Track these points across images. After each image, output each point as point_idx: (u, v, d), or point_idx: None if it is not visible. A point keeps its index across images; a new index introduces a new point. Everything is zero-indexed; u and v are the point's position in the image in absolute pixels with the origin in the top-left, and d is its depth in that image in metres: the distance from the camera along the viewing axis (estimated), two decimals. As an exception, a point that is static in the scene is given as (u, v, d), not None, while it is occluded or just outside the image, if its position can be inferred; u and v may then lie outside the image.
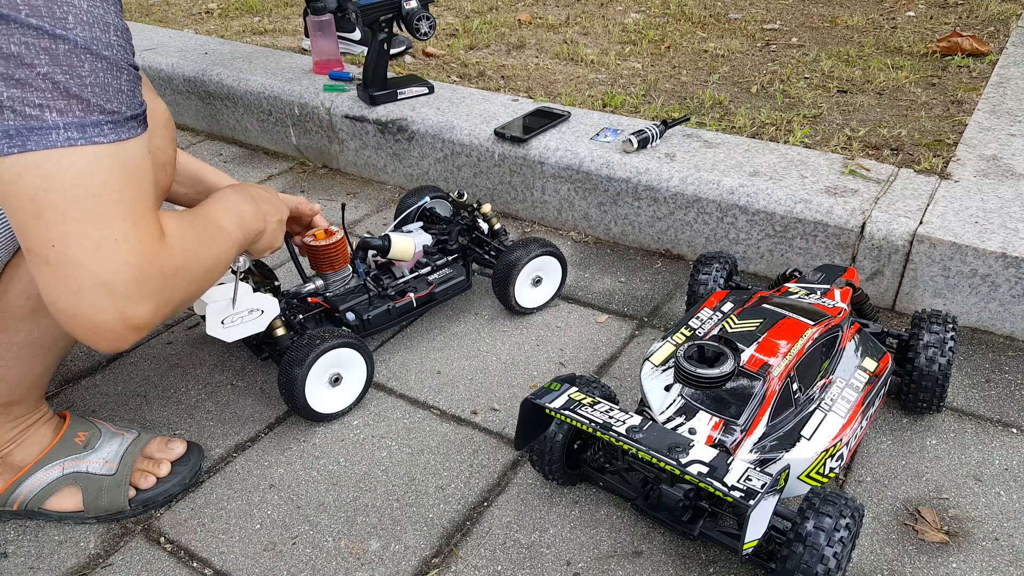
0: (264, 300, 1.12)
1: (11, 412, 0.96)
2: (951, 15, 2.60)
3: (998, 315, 1.29)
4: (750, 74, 2.13)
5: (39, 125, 0.64)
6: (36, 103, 0.63)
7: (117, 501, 1.00)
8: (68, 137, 0.65)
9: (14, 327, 0.87)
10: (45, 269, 0.68)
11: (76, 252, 0.68)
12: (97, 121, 0.67)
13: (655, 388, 0.98)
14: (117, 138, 0.68)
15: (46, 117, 0.64)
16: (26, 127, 0.63)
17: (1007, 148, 1.54)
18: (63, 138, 0.65)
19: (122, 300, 0.71)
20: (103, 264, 0.69)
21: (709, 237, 1.53)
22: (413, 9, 1.72)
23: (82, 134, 0.66)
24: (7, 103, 0.63)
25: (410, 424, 1.17)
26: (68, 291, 0.69)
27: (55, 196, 0.66)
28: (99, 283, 0.69)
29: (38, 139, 0.64)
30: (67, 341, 0.94)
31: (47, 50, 0.63)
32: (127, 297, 0.71)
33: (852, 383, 1.01)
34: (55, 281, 0.69)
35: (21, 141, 0.64)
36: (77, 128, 0.66)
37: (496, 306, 1.44)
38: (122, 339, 0.73)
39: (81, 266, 0.68)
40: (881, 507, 1.00)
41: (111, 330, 0.71)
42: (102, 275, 0.69)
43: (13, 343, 0.89)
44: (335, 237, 1.25)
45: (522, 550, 0.96)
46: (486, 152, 1.73)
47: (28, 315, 0.87)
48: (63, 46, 0.63)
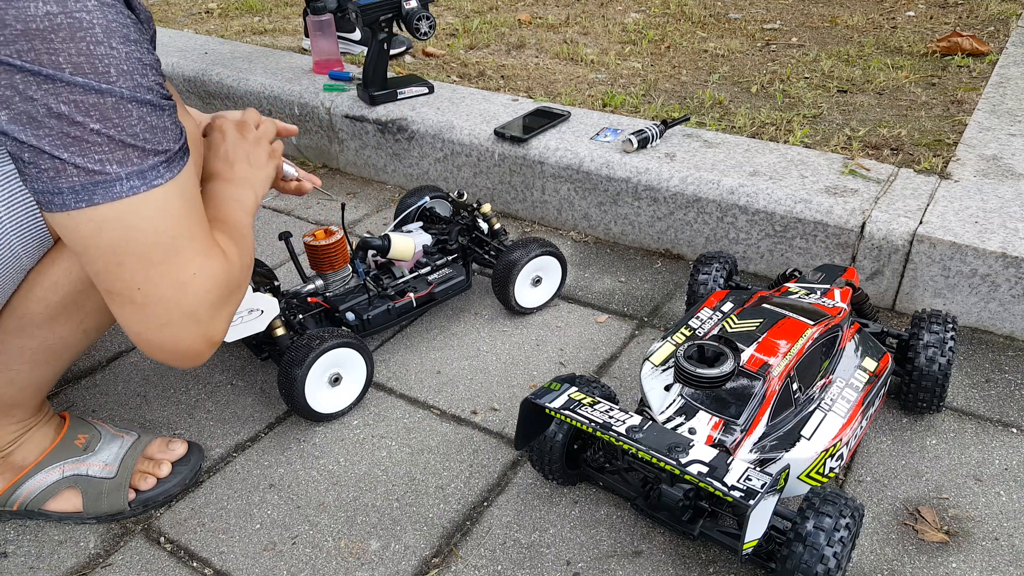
0: (264, 300, 1.12)
1: (15, 414, 0.96)
2: (951, 15, 2.60)
3: (998, 315, 1.29)
4: (750, 74, 2.13)
5: (103, 180, 0.67)
6: (96, 158, 0.66)
7: (117, 503, 1.00)
8: (132, 186, 0.69)
9: (30, 333, 0.88)
10: (130, 307, 0.73)
11: (162, 291, 0.73)
12: (154, 164, 0.70)
13: (655, 388, 0.98)
14: (172, 176, 0.72)
15: (108, 170, 0.67)
16: (91, 182, 0.67)
17: (1007, 148, 1.54)
18: (127, 188, 0.68)
19: (205, 325, 0.77)
20: (188, 297, 0.74)
21: (709, 237, 1.53)
22: (413, 9, 1.72)
23: (143, 181, 0.69)
24: (68, 160, 0.66)
25: (410, 424, 1.17)
26: (156, 325, 0.74)
27: (136, 245, 0.70)
28: (186, 314, 0.75)
29: (104, 192, 0.67)
30: (79, 349, 0.94)
31: (96, 105, 0.65)
32: (209, 320, 0.77)
33: (852, 383, 1.01)
34: (142, 318, 0.74)
35: (88, 196, 0.67)
36: (138, 176, 0.69)
37: (496, 306, 1.44)
38: (205, 354, 0.80)
39: (168, 302, 0.73)
40: (881, 507, 1.00)
41: (198, 352, 0.78)
42: (188, 307, 0.75)
43: (28, 348, 0.89)
44: (335, 237, 1.25)
45: (522, 550, 0.96)
46: (486, 152, 1.73)
47: (45, 322, 0.87)
48: (110, 100, 0.66)
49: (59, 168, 0.66)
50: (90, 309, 0.90)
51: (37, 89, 0.63)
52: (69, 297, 0.87)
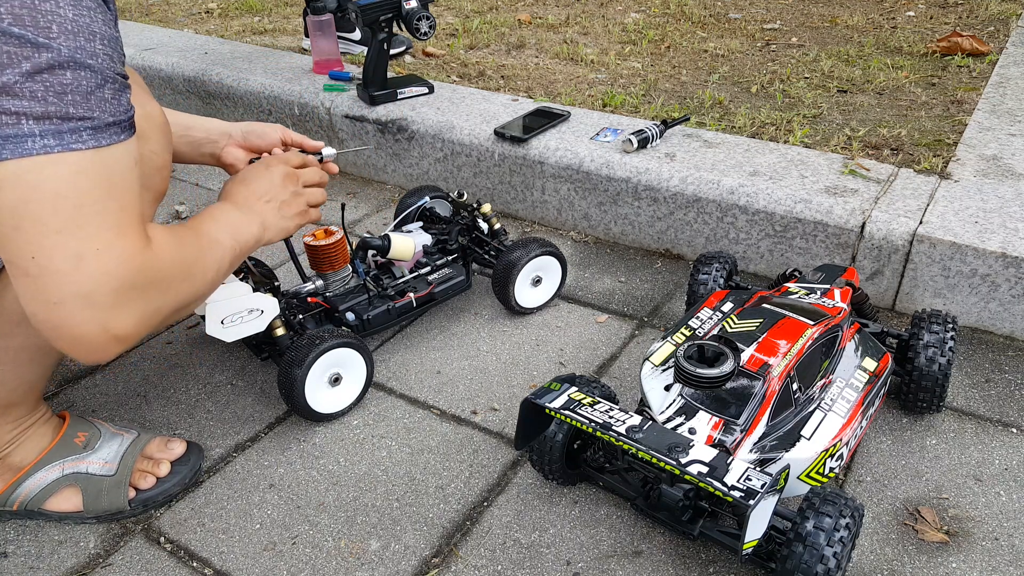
0: (264, 300, 1.12)
1: (10, 414, 0.96)
2: (951, 15, 2.60)
3: (998, 315, 1.29)
4: (750, 74, 2.13)
5: (14, 133, 0.63)
6: (12, 111, 0.63)
7: (117, 502, 1.00)
8: (44, 145, 0.64)
9: (10, 331, 0.87)
10: (24, 280, 0.67)
11: (57, 263, 0.66)
12: (75, 128, 0.66)
13: (655, 388, 0.98)
14: (97, 144, 0.67)
15: (22, 125, 0.63)
16: (1, 135, 0.63)
17: (1007, 148, 1.54)
18: (39, 146, 0.64)
19: (104, 311, 0.69)
20: (84, 275, 0.67)
21: (709, 237, 1.53)
22: (413, 9, 1.72)
23: (59, 141, 0.65)
24: None
25: (410, 424, 1.17)
26: (48, 302, 0.67)
27: (35, 207, 0.65)
28: (80, 294, 0.68)
29: (13, 147, 0.63)
30: None
31: (28, 58, 0.62)
32: (109, 308, 0.69)
33: (852, 383, 1.01)
34: (35, 292, 0.67)
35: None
36: (54, 135, 0.65)
37: (496, 306, 1.44)
38: (104, 350, 0.72)
39: (62, 277, 0.67)
40: (881, 507, 1.00)
41: (93, 342, 0.70)
42: (83, 286, 0.68)
43: (10, 347, 0.89)
44: (335, 237, 1.25)
45: (522, 550, 0.96)
46: (486, 152, 1.73)
47: (24, 320, 0.87)
48: (45, 55, 0.63)
49: None
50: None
51: None
52: None
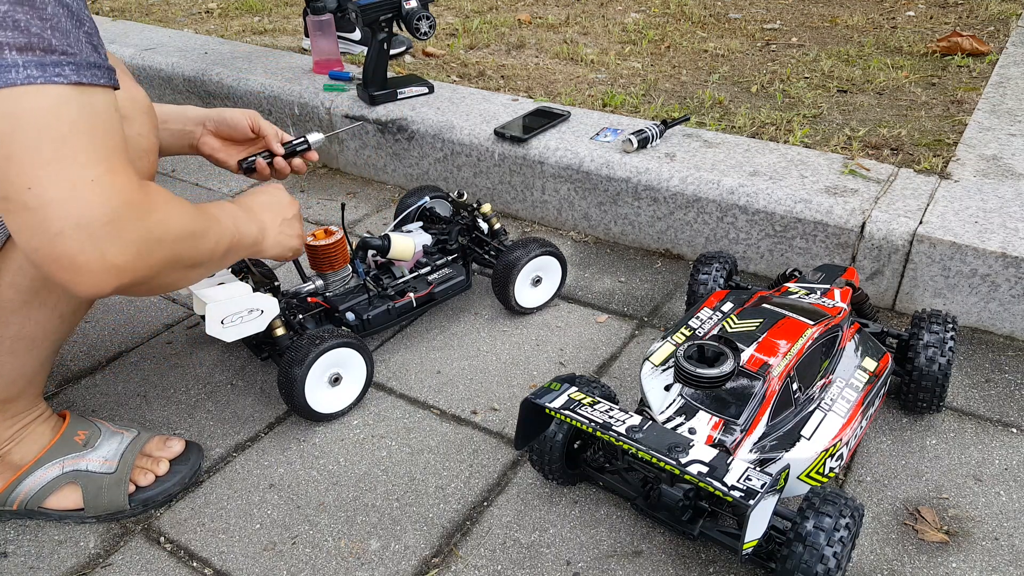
0: (263, 300, 1.12)
1: (9, 410, 0.96)
2: (951, 15, 2.60)
3: (998, 315, 1.29)
4: (750, 74, 2.13)
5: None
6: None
7: (117, 499, 1.00)
8: (28, 75, 0.64)
9: (6, 320, 0.87)
10: (24, 214, 0.67)
11: (54, 192, 0.66)
12: (58, 61, 0.66)
13: (655, 388, 0.98)
14: (79, 80, 0.67)
15: (5, 55, 0.63)
16: None
17: (1007, 148, 1.54)
18: (23, 76, 0.64)
19: (102, 240, 0.69)
20: (81, 203, 0.68)
21: (709, 237, 1.53)
22: (413, 9, 1.72)
23: (42, 72, 0.65)
24: None
25: (410, 424, 1.17)
26: (49, 233, 0.67)
27: (24, 136, 0.65)
28: (79, 222, 0.68)
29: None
30: (58, 335, 0.94)
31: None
32: (107, 237, 0.70)
33: (852, 383, 1.01)
34: (35, 224, 0.67)
35: None
36: (37, 66, 0.65)
37: (496, 306, 1.44)
38: (103, 282, 0.72)
39: (60, 205, 0.67)
40: (881, 507, 1.00)
41: (92, 271, 0.70)
42: (81, 214, 0.68)
43: (5, 337, 0.89)
44: (335, 237, 1.25)
45: (522, 550, 0.96)
46: (486, 152, 1.73)
47: (19, 308, 0.87)
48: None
49: None
50: (62, 291, 0.89)
51: None
52: (38, 280, 0.86)
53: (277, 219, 1.03)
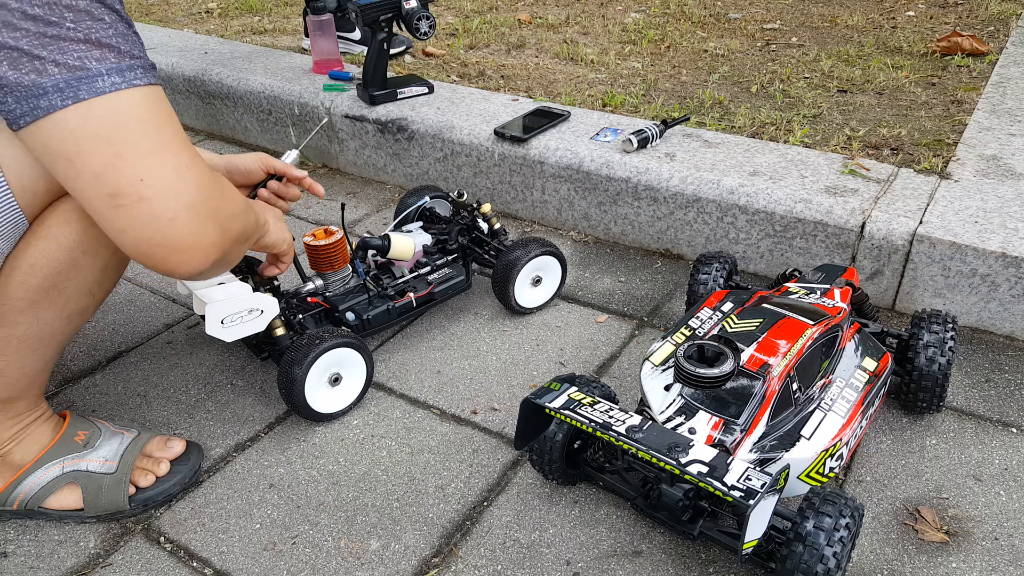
0: (263, 300, 1.12)
1: (10, 409, 0.96)
2: (951, 15, 2.60)
3: (998, 315, 1.29)
4: (750, 74, 2.13)
5: (85, 75, 0.67)
6: (76, 55, 0.67)
7: (117, 499, 1.00)
8: (113, 82, 0.69)
9: (13, 320, 0.87)
10: (139, 206, 0.71)
11: (166, 179, 0.72)
12: (132, 66, 0.71)
13: (655, 388, 0.98)
14: (150, 82, 0.72)
15: (89, 66, 0.67)
16: (74, 78, 0.67)
17: (1007, 148, 1.54)
18: (109, 83, 0.68)
19: (206, 219, 0.76)
20: (189, 185, 0.74)
21: (709, 237, 1.53)
22: (413, 9, 1.72)
23: (123, 78, 0.70)
24: (48, 58, 0.66)
25: (410, 424, 1.17)
26: (165, 219, 0.72)
27: (129, 133, 0.70)
28: (189, 205, 0.74)
29: (88, 87, 0.67)
30: (65, 336, 0.94)
31: (69, 7, 0.66)
32: (208, 216, 0.76)
33: (852, 383, 1.01)
34: (151, 213, 0.72)
35: (73, 92, 0.67)
36: (117, 73, 0.69)
37: (496, 306, 1.44)
38: (206, 259, 0.77)
39: (172, 191, 0.72)
40: (881, 507, 1.00)
41: (200, 248, 0.76)
42: (190, 196, 0.74)
43: (12, 336, 0.89)
44: (335, 237, 1.25)
45: (522, 550, 0.96)
46: (486, 152, 1.73)
47: (28, 308, 0.87)
48: (81, 2, 0.67)
49: (40, 69, 0.66)
50: (72, 292, 0.90)
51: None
52: (49, 280, 0.87)
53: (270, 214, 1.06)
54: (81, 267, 0.89)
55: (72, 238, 0.86)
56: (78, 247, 0.87)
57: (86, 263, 0.89)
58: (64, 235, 0.86)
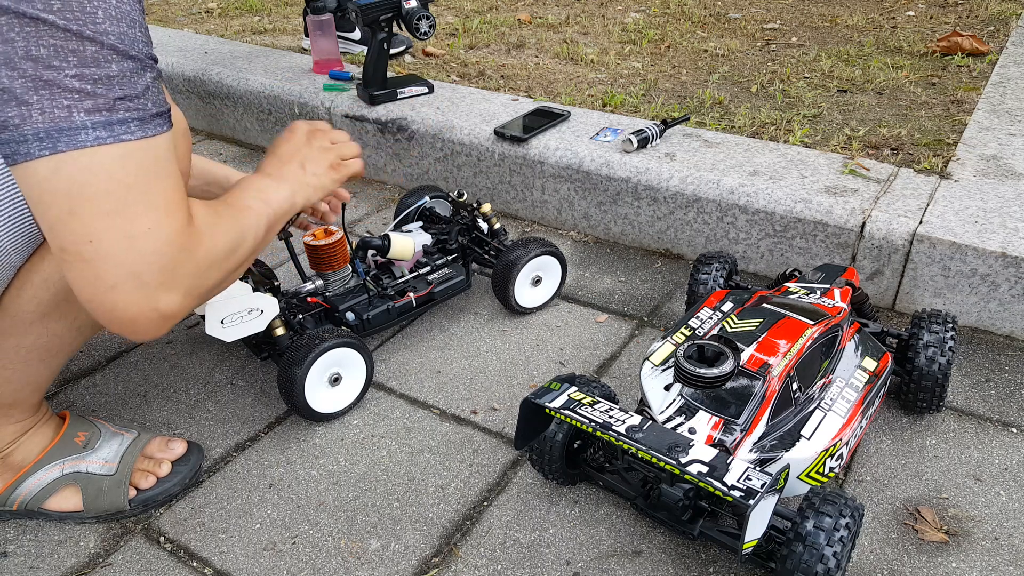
0: (263, 300, 1.12)
1: (12, 415, 0.96)
2: (951, 15, 2.60)
3: (998, 315, 1.29)
4: (750, 74, 2.13)
5: (68, 126, 0.64)
6: (64, 104, 0.63)
7: (117, 501, 1.00)
8: (97, 137, 0.65)
9: (23, 331, 0.87)
10: (81, 266, 0.69)
11: (111, 245, 0.68)
12: (124, 119, 0.67)
13: (655, 388, 0.98)
14: (144, 135, 0.69)
15: (74, 117, 0.64)
16: (55, 128, 0.63)
17: (1007, 148, 1.54)
18: (92, 138, 0.65)
19: (154, 290, 0.71)
20: (136, 255, 0.69)
21: (709, 237, 1.53)
22: (413, 9, 1.72)
23: (110, 132, 0.66)
24: (35, 104, 0.63)
25: (410, 424, 1.17)
26: (105, 286, 0.69)
27: (90, 191, 0.66)
28: (132, 274, 0.70)
29: (68, 140, 0.64)
30: (74, 347, 0.94)
31: (75, 52, 0.63)
32: (157, 287, 0.71)
33: (852, 383, 1.01)
34: (92, 277, 0.69)
35: (52, 143, 0.64)
36: (104, 127, 0.66)
37: (496, 306, 1.44)
38: (157, 329, 0.74)
39: (116, 258, 0.69)
40: (881, 507, 1.00)
41: (147, 320, 0.72)
42: (135, 266, 0.70)
43: (21, 347, 0.89)
44: (335, 237, 1.25)
45: (522, 549, 0.96)
46: (486, 152, 1.73)
47: (38, 320, 0.87)
48: (91, 47, 0.63)
49: (24, 115, 0.63)
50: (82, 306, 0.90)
51: (20, 31, 0.61)
52: (61, 294, 0.86)
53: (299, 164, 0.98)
54: None
55: None
56: None
57: None
58: None
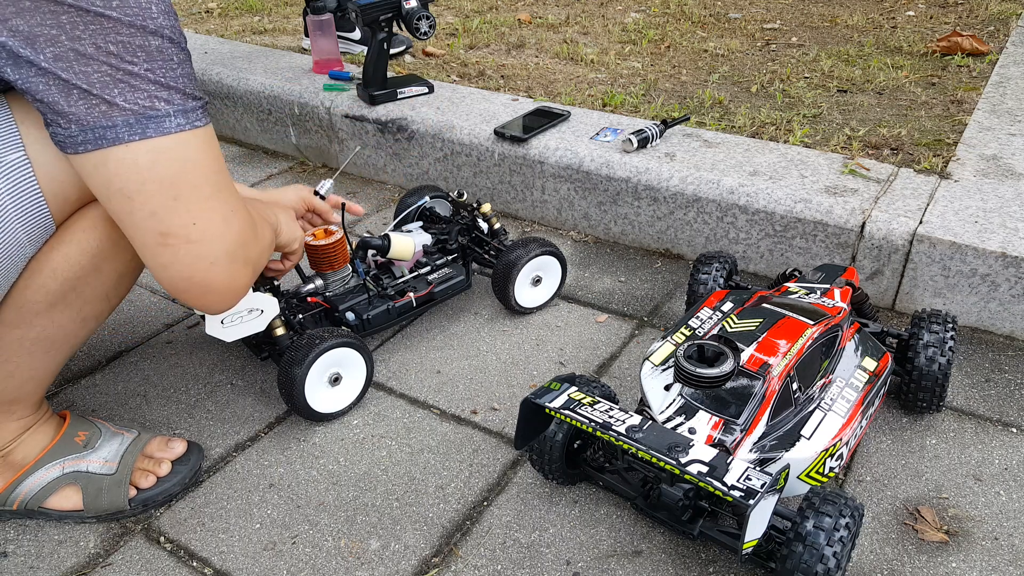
0: (263, 300, 1.12)
1: (14, 412, 0.96)
2: (951, 15, 2.60)
3: (998, 315, 1.29)
4: (750, 74, 2.13)
5: (153, 114, 0.70)
6: (145, 94, 0.69)
7: (117, 500, 1.00)
8: (178, 123, 0.72)
9: (29, 322, 0.88)
10: (185, 248, 0.75)
11: (215, 226, 0.77)
12: (194, 107, 0.74)
13: (655, 388, 0.98)
14: (207, 122, 0.76)
15: (157, 106, 0.70)
16: (143, 116, 0.70)
17: (1007, 148, 1.54)
18: (174, 124, 0.71)
19: (241, 265, 0.81)
20: (233, 233, 0.79)
21: (709, 237, 1.53)
22: (413, 8, 1.72)
23: (187, 120, 0.73)
24: (119, 97, 0.68)
25: (410, 424, 1.17)
26: (206, 262, 0.77)
27: (192, 177, 0.73)
28: (228, 252, 0.79)
29: (156, 126, 0.70)
30: (78, 339, 0.94)
31: (142, 47, 0.68)
32: (243, 261, 0.81)
33: (852, 383, 1.01)
34: (195, 255, 0.76)
35: (141, 129, 0.70)
36: (182, 114, 0.72)
37: (496, 306, 1.44)
38: (233, 299, 0.83)
39: (218, 237, 0.77)
40: (881, 507, 1.00)
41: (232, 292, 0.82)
42: (230, 244, 0.79)
43: (26, 338, 0.89)
44: (334, 237, 1.25)
45: (522, 549, 0.96)
46: (486, 152, 1.73)
47: (44, 310, 0.87)
48: (155, 41, 0.69)
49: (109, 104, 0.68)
50: (89, 296, 0.90)
51: (85, 28, 0.65)
52: (68, 284, 0.87)
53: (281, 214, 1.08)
54: (101, 272, 0.89)
55: (95, 244, 0.86)
56: (100, 253, 0.87)
57: (106, 268, 0.89)
58: (88, 241, 0.86)
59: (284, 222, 1.07)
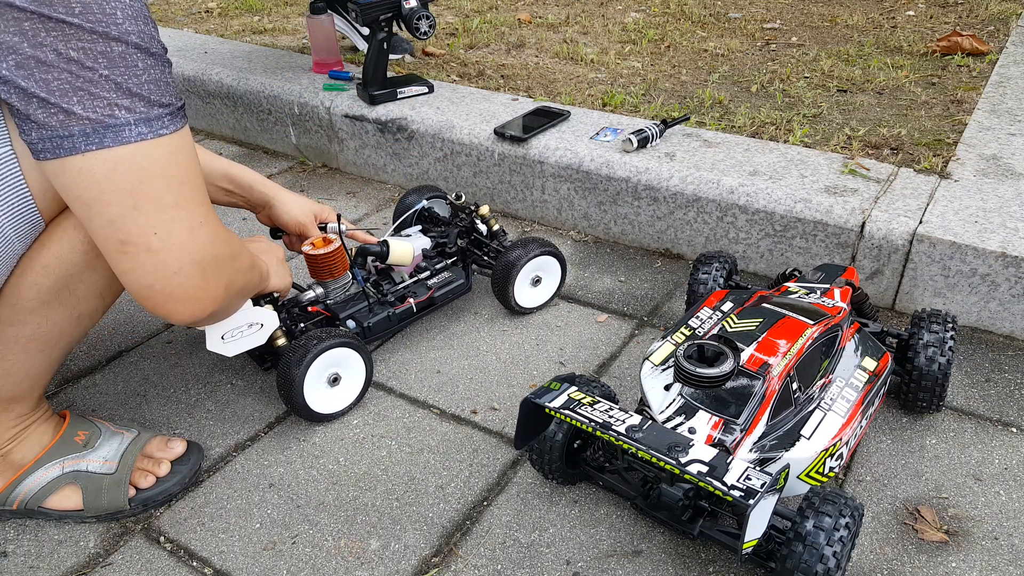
0: (263, 314, 1.11)
1: (13, 410, 0.96)
2: (951, 15, 2.60)
3: (998, 315, 1.29)
4: (750, 73, 2.13)
5: (112, 123, 0.69)
6: (105, 103, 0.68)
7: (117, 500, 1.00)
8: (139, 132, 0.70)
9: (23, 319, 0.88)
10: (145, 256, 0.74)
11: (177, 236, 0.75)
12: (159, 115, 0.72)
13: (655, 387, 0.98)
14: (175, 129, 0.74)
15: (117, 115, 0.69)
16: (101, 125, 0.68)
17: (1007, 148, 1.54)
18: (135, 134, 0.70)
19: (211, 275, 0.80)
20: (198, 244, 0.77)
21: (709, 236, 1.53)
22: (413, 8, 1.72)
23: (150, 128, 0.71)
24: (77, 105, 0.67)
25: (410, 423, 1.17)
26: (169, 272, 0.76)
27: (151, 187, 0.72)
28: (195, 262, 0.77)
29: (113, 135, 0.69)
30: (73, 337, 0.94)
31: (104, 53, 0.67)
32: (212, 273, 0.80)
33: (852, 382, 1.01)
34: (155, 266, 0.75)
35: (98, 139, 0.68)
36: (144, 123, 0.71)
37: (496, 306, 1.44)
38: (203, 310, 0.82)
39: (182, 248, 0.76)
40: (881, 506, 1.00)
41: (198, 300, 0.80)
42: (197, 254, 0.77)
43: (21, 336, 0.89)
44: (333, 246, 1.24)
45: (522, 549, 0.96)
46: (486, 151, 1.73)
47: (38, 308, 0.87)
48: (117, 48, 0.67)
49: (67, 112, 0.67)
50: (82, 294, 0.90)
51: (47, 35, 0.64)
52: (60, 281, 0.87)
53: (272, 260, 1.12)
54: (93, 269, 0.89)
55: (86, 241, 0.86)
56: (92, 250, 0.87)
57: (99, 266, 0.89)
58: (79, 238, 0.86)
59: (274, 266, 1.08)
